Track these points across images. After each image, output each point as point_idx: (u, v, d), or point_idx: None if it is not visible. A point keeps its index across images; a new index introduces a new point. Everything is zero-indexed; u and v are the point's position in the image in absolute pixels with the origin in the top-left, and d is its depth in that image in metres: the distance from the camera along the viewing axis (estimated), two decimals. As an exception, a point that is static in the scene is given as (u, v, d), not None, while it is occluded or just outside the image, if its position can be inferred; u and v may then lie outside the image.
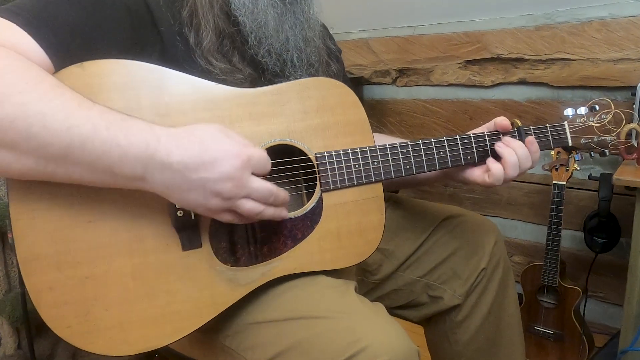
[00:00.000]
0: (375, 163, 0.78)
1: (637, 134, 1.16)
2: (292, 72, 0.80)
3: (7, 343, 1.36)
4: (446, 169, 0.87)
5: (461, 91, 1.76)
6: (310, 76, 0.82)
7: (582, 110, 0.89)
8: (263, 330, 0.70)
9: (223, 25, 0.76)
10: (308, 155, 0.75)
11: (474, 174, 0.83)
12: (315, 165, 0.75)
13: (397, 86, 1.91)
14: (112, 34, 0.68)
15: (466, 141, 0.82)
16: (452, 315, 0.94)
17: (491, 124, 0.86)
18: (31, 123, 0.54)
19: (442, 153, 0.81)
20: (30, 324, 1.32)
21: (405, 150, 0.80)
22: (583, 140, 0.88)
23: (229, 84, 0.73)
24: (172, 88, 0.68)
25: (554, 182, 1.36)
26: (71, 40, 0.64)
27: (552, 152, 1.37)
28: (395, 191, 1.11)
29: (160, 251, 0.66)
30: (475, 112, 1.74)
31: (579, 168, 1.40)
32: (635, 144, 1.15)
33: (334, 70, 0.91)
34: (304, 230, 0.74)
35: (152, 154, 0.58)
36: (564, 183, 1.35)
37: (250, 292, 0.71)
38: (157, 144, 0.58)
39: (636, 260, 1.11)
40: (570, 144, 0.88)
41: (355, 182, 0.77)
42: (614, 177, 1.09)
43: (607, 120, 0.87)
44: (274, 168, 0.73)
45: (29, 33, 0.60)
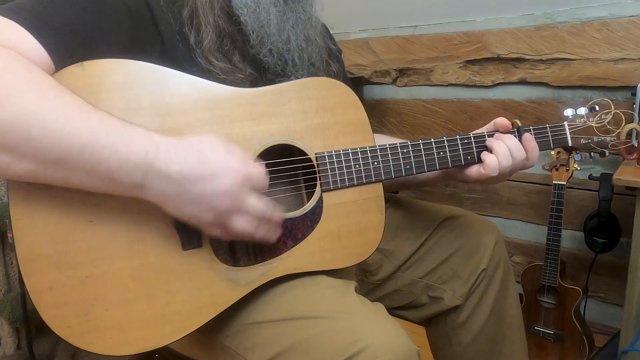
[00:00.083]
0: (376, 163, 0.78)
1: (637, 134, 1.17)
2: (294, 71, 0.80)
3: (7, 343, 1.36)
4: (446, 169, 0.88)
5: (461, 91, 1.76)
6: (312, 75, 0.82)
7: (582, 110, 0.89)
8: (263, 330, 0.70)
9: (224, 24, 0.76)
10: (308, 155, 0.75)
11: (471, 171, 0.84)
12: (316, 165, 0.75)
13: (397, 86, 1.91)
14: (112, 33, 0.67)
15: (466, 141, 0.83)
16: (453, 316, 0.94)
17: (491, 124, 0.86)
18: (31, 126, 0.54)
19: (442, 153, 0.81)
20: (30, 324, 1.32)
21: (405, 150, 0.80)
22: (583, 141, 0.88)
23: (229, 84, 0.72)
24: (172, 88, 0.68)
25: (554, 182, 1.36)
26: (71, 40, 0.63)
27: (553, 152, 1.37)
28: (395, 192, 1.11)
29: (160, 251, 0.66)
30: (476, 112, 1.74)
31: (579, 168, 1.40)
32: (636, 144, 1.15)
33: (334, 70, 0.91)
34: (304, 230, 0.74)
35: (151, 162, 0.58)
36: (564, 183, 1.35)
37: (250, 292, 0.71)
38: (156, 152, 0.58)
39: (636, 261, 1.10)
40: (570, 144, 0.88)
41: (356, 182, 0.77)
42: (615, 177, 1.09)
43: (606, 120, 0.87)
44: (274, 168, 0.73)
45: (29, 32, 0.60)
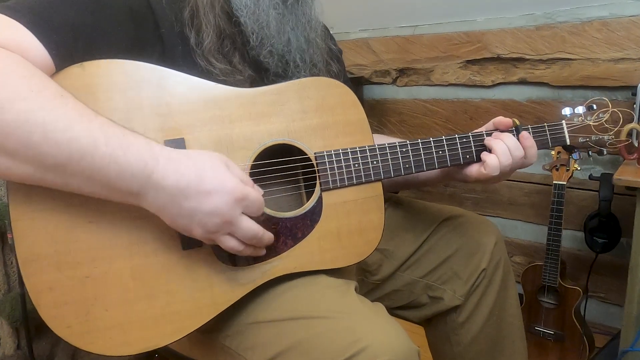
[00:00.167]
0: (375, 162, 0.78)
1: (637, 133, 1.17)
2: (295, 72, 0.80)
3: (7, 343, 1.36)
4: (446, 169, 0.88)
5: (461, 91, 1.76)
6: (312, 76, 0.82)
7: (580, 109, 0.89)
8: (263, 330, 0.70)
9: (224, 25, 0.76)
10: (307, 155, 0.75)
11: (472, 170, 0.84)
12: (315, 165, 0.75)
13: (397, 86, 1.91)
14: (113, 33, 0.67)
15: (465, 140, 0.83)
16: (453, 316, 0.94)
17: (490, 124, 0.86)
18: (32, 131, 0.54)
19: (441, 152, 0.81)
20: (29, 325, 1.32)
21: (404, 149, 0.80)
22: (581, 139, 0.88)
23: (228, 85, 0.72)
24: (172, 88, 0.68)
25: (554, 182, 1.36)
26: (72, 40, 0.63)
27: (553, 152, 1.37)
28: (395, 192, 1.11)
29: (160, 251, 0.66)
30: (476, 112, 1.74)
31: (579, 168, 1.40)
32: (636, 144, 1.15)
33: (335, 71, 0.91)
34: (303, 230, 0.74)
35: (149, 174, 0.58)
36: (565, 183, 1.35)
37: (250, 292, 0.71)
38: (154, 165, 0.58)
39: (637, 261, 1.10)
40: (568, 143, 0.89)
41: (355, 181, 0.77)
42: (615, 177, 1.09)
43: (604, 119, 0.87)
44: (274, 167, 0.73)
45: (31, 31, 0.60)
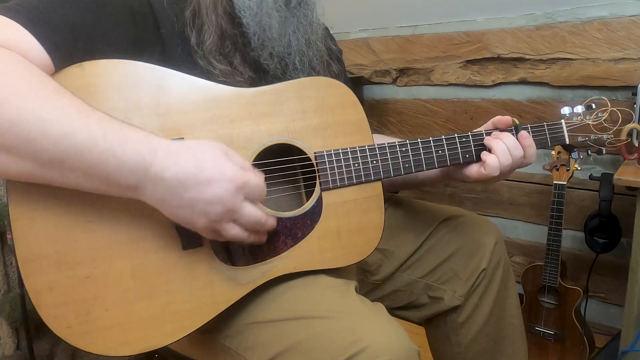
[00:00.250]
0: (375, 162, 0.78)
1: (637, 133, 1.16)
2: (294, 75, 0.80)
3: (7, 344, 1.36)
4: (446, 168, 0.87)
5: (462, 91, 1.76)
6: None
7: (579, 108, 0.89)
8: (263, 330, 0.70)
9: (226, 26, 0.76)
10: (307, 155, 0.75)
11: (472, 170, 0.84)
12: (315, 164, 0.75)
13: (397, 86, 1.91)
14: (113, 34, 0.67)
15: (464, 139, 0.83)
16: (453, 316, 0.94)
17: (489, 123, 0.86)
18: (30, 128, 0.54)
19: (440, 151, 0.81)
20: (29, 325, 1.32)
21: (404, 149, 0.80)
22: (580, 139, 0.89)
23: (228, 85, 0.72)
24: (172, 88, 0.68)
25: (554, 182, 1.36)
26: (72, 40, 0.63)
27: (553, 152, 1.37)
28: (395, 192, 1.11)
29: (160, 250, 0.66)
30: (476, 112, 1.74)
31: (579, 168, 1.39)
32: (636, 144, 1.15)
33: (335, 71, 0.91)
34: (303, 230, 0.74)
35: (147, 167, 0.58)
36: (565, 183, 1.34)
37: (250, 292, 0.71)
38: (153, 158, 0.58)
39: (637, 261, 1.10)
40: (567, 142, 0.89)
41: (355, 180, 0.77)
42: (615, 177, 1.09)
43: (603, 118, 0.87)
44: (274, 167, 0.73)
45: (30, 32, 0.60)
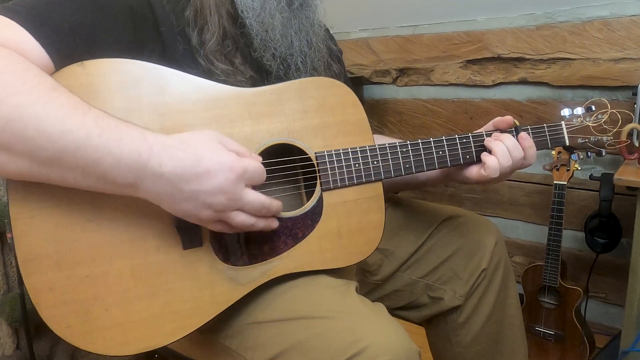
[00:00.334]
0: (375, 162, 0.78)
1: (637, 133, 1.16)
2: (297, 76, 0.80)
3: (6, 343, 1.36)
4: (446, 169, 0.87)
5: (462, 91, 1.76)
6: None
7: (579, 110, 0.89)
8: (263, 330, 0.70)
9: (228, 26, 0.76)
10: (308, 155, 0.75)
11: (472, 172, 0.84)
12: (315, 165, 0.75)
13: (397, 86, 1.91)
14: (112, 33, 0.67)
15: (465, 140, 0.83)
16: (453, 316, 0.94)
17: (489, 124, 0.86)
18: (26, 125, 0.54)
19: (441, 152, 0.81)
20: (29, 325, 1.32)
21: (404, 149, 0.80)
22: (580, 140, 0.89)
23: (229, 85, 0.72)
24: (172, 87, 0.68)
25: (555, 182, 1.36)
26: (72, 39, 0.63)
27: (553, 153, 1.37)
28: (395, 192, 1.11)
29: (160, 250, 0.66)
30: (476, 112, 1.74)
31: (580, 168, 1.39)
32: (636, 144, 1.15)
33: (335, 71, 0.91)
34: (304, 230, 0.74)
35: (144, 164, 0.58)
36: (565, 183, 1.34)
37: (250, 292, 0.71)
38: (149, 153, 0.58)
39: (637, 261, 1.10)
40: (567, 144, 0.89)
41: (355, 181, 0.77)
42: (615, 177, 1.09)
43: (603, 120, 0.87)
44: (274, 167, 0.73)
45: (29, 32, 0.60)
